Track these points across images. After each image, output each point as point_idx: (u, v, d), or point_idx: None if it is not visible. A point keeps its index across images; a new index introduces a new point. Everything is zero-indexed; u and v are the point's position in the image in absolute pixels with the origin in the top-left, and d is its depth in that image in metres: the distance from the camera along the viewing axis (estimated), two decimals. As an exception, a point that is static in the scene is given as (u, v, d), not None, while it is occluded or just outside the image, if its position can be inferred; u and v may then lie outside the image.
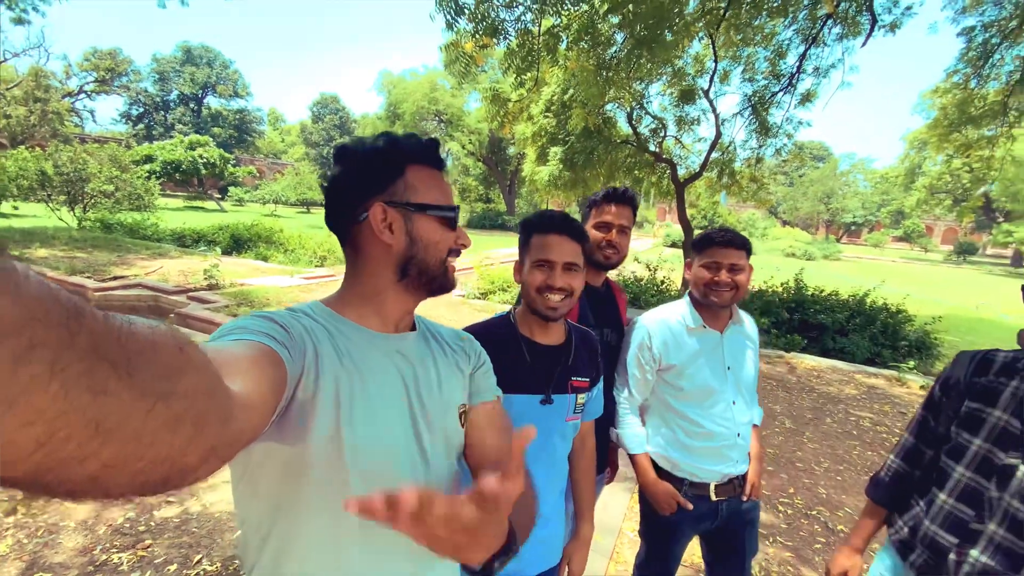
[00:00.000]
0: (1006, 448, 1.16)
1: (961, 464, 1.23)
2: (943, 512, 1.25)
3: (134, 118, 53.44)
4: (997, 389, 1.21)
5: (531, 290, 1.27)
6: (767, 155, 9.74)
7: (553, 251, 1.25)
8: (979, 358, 1.27)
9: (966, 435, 1.24)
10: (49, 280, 0.28)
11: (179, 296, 7.34)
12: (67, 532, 2.49)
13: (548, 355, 1.32)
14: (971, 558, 1.17)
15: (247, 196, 36.09)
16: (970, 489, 1.21)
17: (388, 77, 35.42)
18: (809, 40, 7.80)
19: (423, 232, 0.85)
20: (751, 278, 1.69)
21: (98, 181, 13.99)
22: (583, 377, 1.35)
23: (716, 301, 1.64)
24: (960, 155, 10.21)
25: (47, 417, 0.26)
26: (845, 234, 57.08)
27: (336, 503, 0.75)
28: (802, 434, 4.40)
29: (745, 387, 1.73)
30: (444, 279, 0.89)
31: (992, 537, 1.15)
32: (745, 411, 1.73)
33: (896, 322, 7.42)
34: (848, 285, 8.55)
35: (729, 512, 1.72)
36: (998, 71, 8.03)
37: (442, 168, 0.91)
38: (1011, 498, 1.13)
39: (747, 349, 1.77)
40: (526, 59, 5.02)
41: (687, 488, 1.68)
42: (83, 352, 0.28)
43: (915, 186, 33.80)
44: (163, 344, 0.35)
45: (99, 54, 43.84)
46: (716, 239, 1.65)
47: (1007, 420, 1.17)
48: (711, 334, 1.70)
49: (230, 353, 0.58)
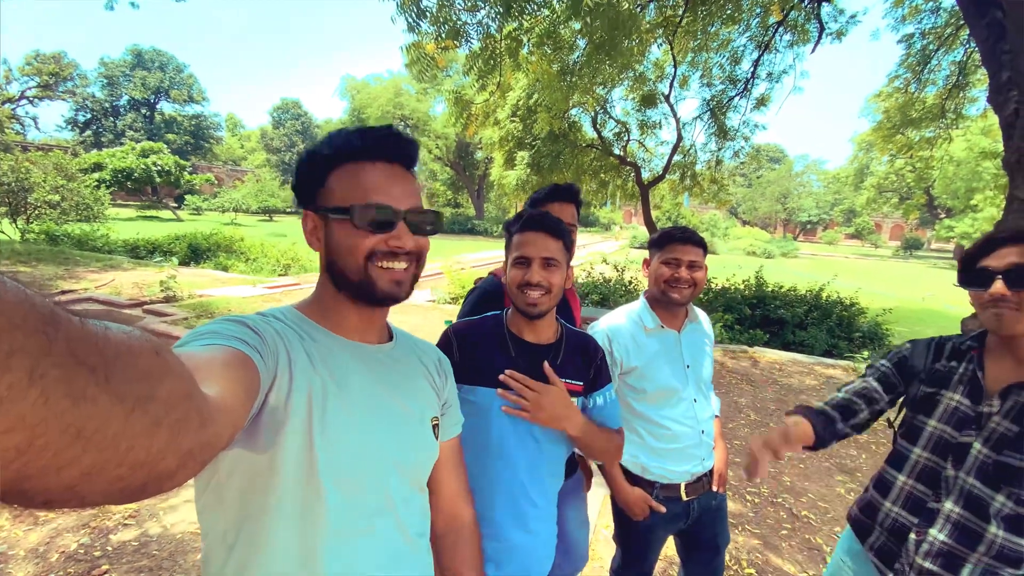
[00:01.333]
0: (960, 428, 1.20)
1: (918, 446, 1.27)
2: (903, 493, 1.28)
3: (81, 125, 50.74)
4: (949, 373, 1.26)
5: (512, 287, 1.27)
6: (726, 157, 10.08)
7: (529, 247, 1.26)
8: (935, 344, 1.32)
9: (921, 417, 1.28)
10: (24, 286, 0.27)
11: (134, 310, 7.01)
12: (16, 561, 2.34)
13: (534, 353, 1.30)
14: (930, 536, 1.20)
15: (205, 204, 34.87)
16: (928, 469, 1.24)
17: (352, 82, 34.96)
18: (762, 47, 8.13)
19: (337, 237, 0.81)
20: (706, 277, 1.71)
21: (42, 191, 13.25)
22: (573, 380, 1.32)
23: (676, 298, 1.64)
24: (903, 155, 10.80)
25: (27, 424, 0.26)
26: (801, 232, 59.47)
27: (307, 510, 0.74)
28: (766, 425, 4.55)
29: (704, 384, 1.75)
30: (369, 287, 0.81)
31: (949, 515, 1.18)
32: (707, 407, 1.75)
33: (850, 315, 7.77)
34: (805, 281, 8.90)
35: (700, 509, 1.73)
36: (936, 76, 8.54)
37: (378, 158, 0.81)
38: (967, 476, 1.17)
39: (704, 346, 1.79)
40: (488, 62, 5.05)
41: (658, 491, 1.68)
42: (61, 358, 0.27)
43: (864, 185, 35.58)
44: (139, 349, 0.34)
45: (42, 58, 41.72)
46: (676, 236, 1.65)
47: (959, 401, 1.22)
48: (669, 334, 1.71)
49: (202, 358, 0.57)
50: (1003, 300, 1.10)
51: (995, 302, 1.12)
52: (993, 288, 1.11)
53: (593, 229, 50.36)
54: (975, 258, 1.19)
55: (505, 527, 1.25)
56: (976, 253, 1.19)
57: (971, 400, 1.20)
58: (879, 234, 56.45)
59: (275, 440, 0.71)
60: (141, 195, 34.06)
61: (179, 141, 51.75)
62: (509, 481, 1.25)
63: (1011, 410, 1.13)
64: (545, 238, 1.27)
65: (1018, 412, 1.12)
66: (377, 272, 0.81)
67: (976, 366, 1.22)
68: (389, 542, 0.83)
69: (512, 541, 1.25)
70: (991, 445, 1.14)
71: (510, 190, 10.94)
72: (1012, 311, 1.10)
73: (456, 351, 1.27)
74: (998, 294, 1.10)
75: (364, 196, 0.79)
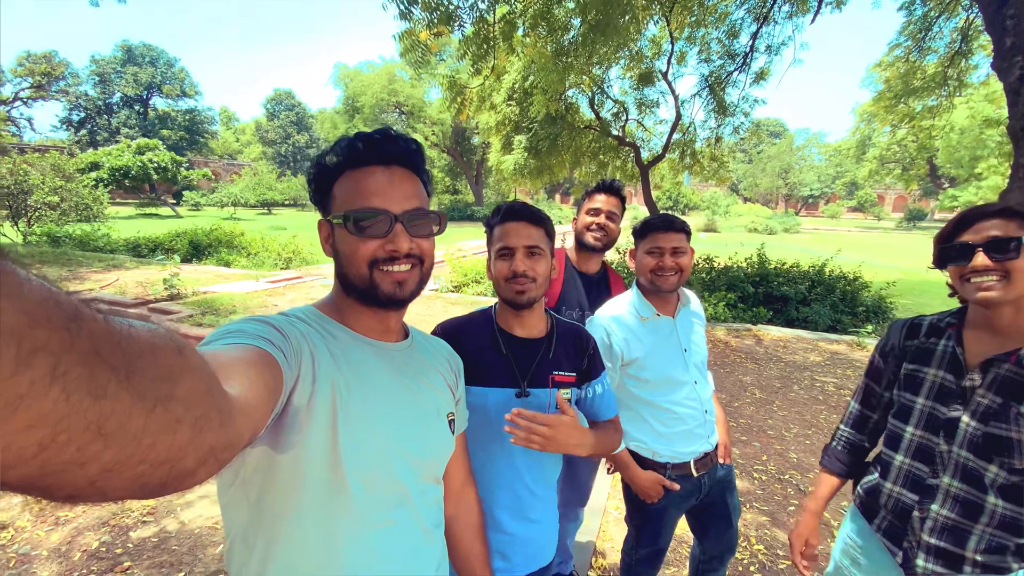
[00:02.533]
0: (947, 403, 1.23)
1: (910, 424, 1.30)
2: (902, 472, 1.30)
3: (76, 124, 50.43)
4: (929, 349, 1.29)
5: (499, 281, 1.26)
6: (726, 134, 9.96)
7: (511, 237, 1.25)
8: (909, 324, 1.37)
9: (908, 395, 1.31)
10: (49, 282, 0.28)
11: (139, 309, 7.05)
12: (40, 561, 2.39)
13: (526, 348, 1.30)
14: (932, 512, 1.21)
15: (204, 200, 34.77)
16: (923, 446, 1.26)
17: (344, 70, 34.50)
18: (760, 19, 7.98)
19: (341, 245, 0.84)
20: (692, 260, 1.72)
21: (41, 192, 13.24)
22: (566, 372, 1.32)
23: (663, 286, 1.65)
24: (905, 125, 10.66)
25: (48, 421, 0.26)
26: (803, 207, 59.03)
27: (331, 505, 0.76)
28: (772, 403, 4.58)
29: (701, 364, 1.78)
30: (373, 291, 0.83)
31: (948, 490, 1.20)
32: (707, 387, 1.78)
33: (854, 289, 7.75)
34: (808, 256, 8.87)
35: (711, 483, 1.77)
36: (937, 43, 8.38)
37: (374, 163, 0.83)
38: (959, 449, 1.19)
39: (698, 328, 1.81)
40: (481, 46, 4.98)
41: (670, 471, 1.70)
42: (83, 355, 0.27)
43: (866, 157, 35.17)
44: (162, 347, 0.35)
45: (33, 58, 41.37)
46: (656, 224, 1.67)
47: (943, 376, 1.25)
48: (664, 320, 1.73)
49: (226, 357, 0.57)
50: (986, 271, 1.12)
51: (978, 274, 1.13)
52: (975, 260, 1.13)
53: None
54: (951, 236, 1.21)
55: (506, 520, 1.27)
56: (952, 230, 1.21)
57: (954, 375, 1.23)
58: (882, 206, 55.98)
59: (299, 438, 0.72)
60: (139, 193, 33.94)
61: (174, 137, 51.46)
62: (508, 475, 1.27)
63: (993, 382, 1.15)
64: (526, 226, 1.25)
65: (999, 384, 1.14)
66: (380, 276, 0.83)
67: (955, 342, 1.25)
68: (407, 534, 0.86)
69: (515, 533, 1.27)
70: (978, 418, 1.17)
71: (508, 175, 10.85)
72: (996, 281, 1.11)
73: None
74: (980, 266, 1.12)
75: (359, 202, 0.81)
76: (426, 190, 0.90)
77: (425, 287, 0.91)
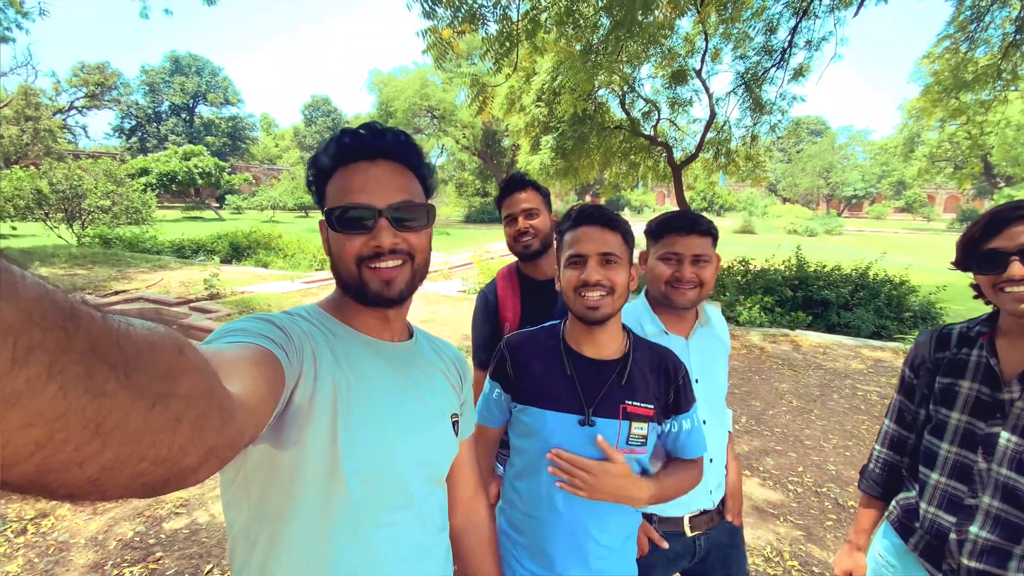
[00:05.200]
0: (984, 418, 1.15)
1: (945, 440, 1.21)
2: (938, 492, 1.22)
3: (127, 131, 53.30)
4: (961, 361, 1.21)
5: (569, 291, 1.13)
6: (762, 132, 9.65)
7: (585, 243, 1.12)
8: (937, 334, 1.29)
9: (944, 411, 1.22)
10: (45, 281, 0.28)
11: (181, 307, 7.34)
12: (77, 549, 2.50)
13: (595, 369, 1.16)
14: (971, 535, 1.14)
15: (245, 203, 36.12)
16: (959, 464, 1.19)
17: (379, 76, 35.16)
18: (800, 13, 7.69)
19: (331, 243, 0.83)
20: (717, 271, 1.42)
21: (94, 196, 14.01)
22: (643, 403, 1.15)
23: (679, 302, 1.36)
24: (954, 120, 10.11)
25: (46, 419, 0.26)
26: (846, 208, 56.72)
27: (331, 505, 0.75)
28: (810, 412, 4.38)
29: (717, 402, 1.47)
30: (362, 289, 0.80)
31: (988, 510, 1.13)
32: (718, 430, 1.45)
33: (900, 293, 7.37)
34: (851, 259, 8.49)
35: (709, 545, 1.44)
36: (989, 34, 7.91)
37: (358, 158, 0.80)
38: (999, 467, 1.11)
39: (719, 355, 1.49)
40: (504, 44, 4.95)
41: (656, 524, 1.40)
42: (81, 353, 0.27)
43: (915, 155, 33.52)
44: (161, 345, 0.35)
45: (87, 69, 43.76)
46: (675, 225, 1.38)
47: (978, 389, 1.17)
48: (675, 340, 1.41)
49: (228, 355, 0.57)
50: (1022, 282, 1.04)
51: (1014, 283, 1.06)
52: (1011, 270, 1.05)
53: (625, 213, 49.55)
54: (980, 240, 1.13)
55: (560, 562, 1.14)
56: (981, 234, 1.13)
57: (990, 388, 1.14)
58: (932, 207, 53.22)
59: (300, 437, 0.72)
60: (185, 197, 35.51)
61: (218, 143, 53.61)
62: (567, 513, 1.14)
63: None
64: (602, 231, 1.12)
65: None
66: (368, 274, 0.80)
67: (988, 352, 1.16)
68: (411, 536, 0.85)
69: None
70: (1020, 432, 1.09)
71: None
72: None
73: (510, 367, 1.20)
74: (1018, 276, 1.05)
75: (343, 198, 0.79)
76: (425, 184, 0.87)
77: (422, 283, 0.88)
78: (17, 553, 2.45)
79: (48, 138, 30.22)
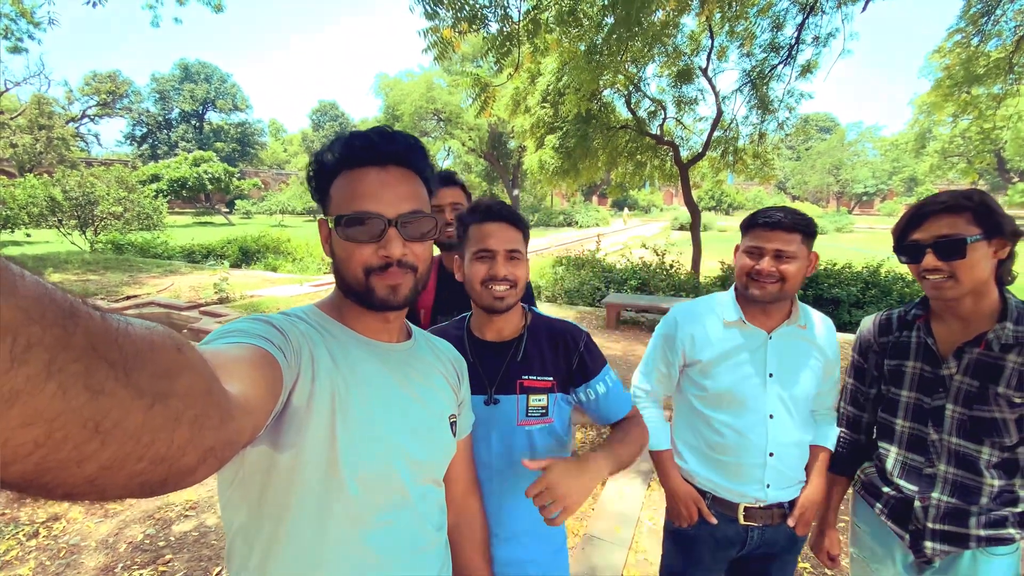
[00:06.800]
0: (929, 393, 1.27)
1: (899, 416, 1.34)
2: (899, 463, 1.34)
3: (138, 139, 53.91)
4: (904, 343, 1.34)
5: (475, 283, 1.18)
6: (770, 130, 9.58)
7: (492, 239, 1.17)
8: (879, 320, 1.42)
9: (895, 390, 1.35)
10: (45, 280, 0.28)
11: (191, 311, 7.40)
12: (88, 552, 2.52)
13: (495, 352, 1.23)
14: (934, 500, 1.25)
15: (254, 208, 36.49)
16: (915, 437, 1.31)
17: (385, 80, 35.35)
18: (807, 8, 7.63)
19: (337, 248, 0.82)
20: (814, 267, 1.42)
21: (107, 203, 14.21)
22: (540, 376, 1.21)
23: (756, 294, 1.38)
24: (965, 114, 9.96)
25: (45, 417, 0.26)
26: (857, 205, 56.13)
27: (329, 505, 0.75)
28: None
29: (797, 401, 1.45)
30: (369, 295, 0.81)
31: (946, 476, 1.25)
32: (791, 429, 1.44)
33: (913, 291, 7.27)
34: (862, 257, 8.39)
35: (761, 541, 1.47)
36: (1000, 27, 7.80)
37: (369, 163, 0.80)
38: (949, 436, 1.24)
39: (808, 357, 1.46)
40: (504, 44, 4.96)
41: (710, 503, 1.48)
42: (80, 352, 0.27)
43: (926, 151, 33.11)
44: (160, 344, 0.35)
45: (99, 77, 44.32)
46: (760, 220, 1.39)
47: (921, 367, 1.29)
48: (754, 332, 1.45)
49: (226, 355, 0.58)
50: (936, 271, 1.16)
51: (930, 272, 1.18)
52: (925, 261, 1.17)
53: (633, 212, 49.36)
54: (904, 231, 1.24)
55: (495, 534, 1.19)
56: (906, 226, 1.23)
57: (931, 365, 1.27)
58: (944, 202, 52.47)
59: (298, 438, 0.72)
60: (195, 202, 35.86)
61: (227, 149, 54.09)
62: (497, 492, 1.20)
63: (967, 368, 1.20)
64: (507, 228, 1.18)
65: (974, 368, 1.19)
66: (375, 280, 0.80)
67: (925, 333, 1.29)
68: (410, 536, 0.85)
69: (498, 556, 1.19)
70: (961, 403, 1.22)
71: (535, 174, 10.80)
72: (946, 280, 1.15)
73: None
74: (930, 267, 1.17)
75: (352, 205, 0.78)
76: (428, 188, 0.87)
77: (424, 289, 0.88)
78: (29, 556, 2.48)
79: (61, 146, 30.64)
